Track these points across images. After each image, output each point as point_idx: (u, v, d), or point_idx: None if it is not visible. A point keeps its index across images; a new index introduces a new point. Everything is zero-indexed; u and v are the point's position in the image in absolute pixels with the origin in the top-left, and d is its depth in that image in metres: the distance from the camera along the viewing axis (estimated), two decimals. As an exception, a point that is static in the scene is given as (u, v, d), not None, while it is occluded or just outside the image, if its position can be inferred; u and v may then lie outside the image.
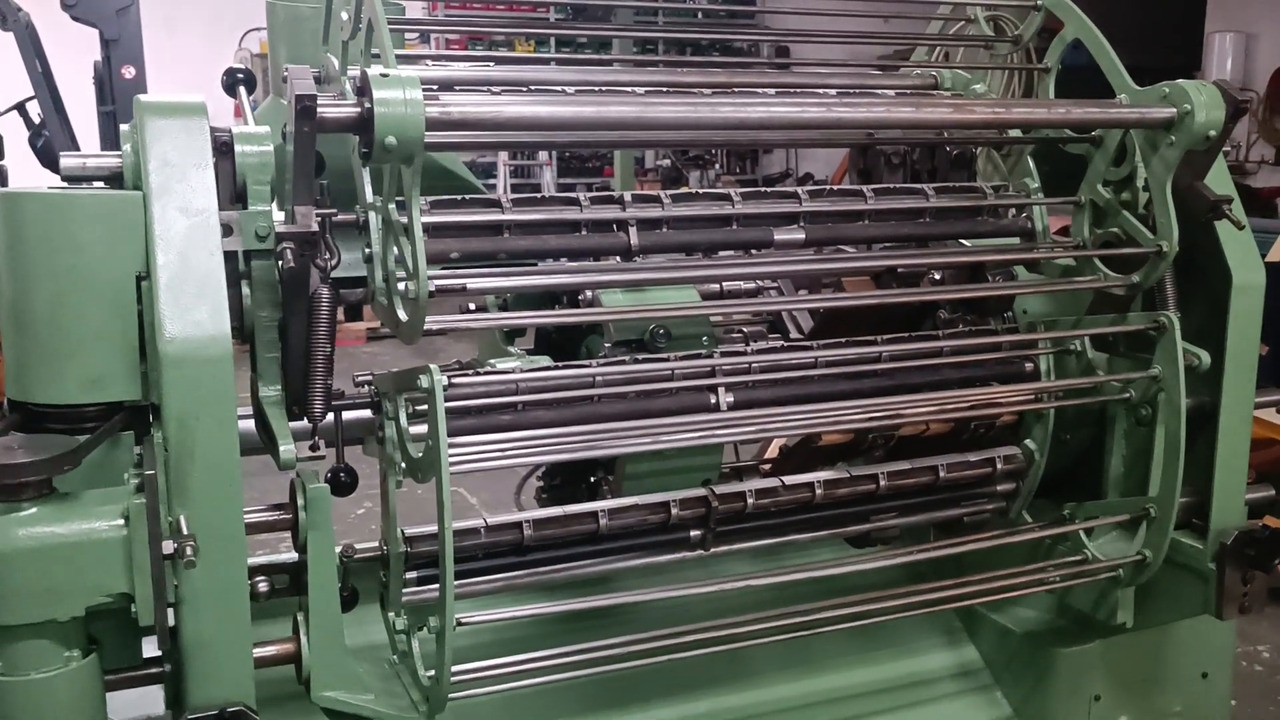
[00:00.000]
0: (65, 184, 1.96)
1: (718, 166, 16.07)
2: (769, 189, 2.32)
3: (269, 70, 2.75)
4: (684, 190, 2.29)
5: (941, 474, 2.42)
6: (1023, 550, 2.53)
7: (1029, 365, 2.46)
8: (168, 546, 1.61)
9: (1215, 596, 2.39)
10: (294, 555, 2.04)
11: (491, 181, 15.21)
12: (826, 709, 2.64)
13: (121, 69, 10.23)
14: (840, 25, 2.73)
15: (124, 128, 1.92)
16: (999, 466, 2.47)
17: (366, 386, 2.16)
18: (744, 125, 1.92)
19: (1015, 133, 2.47)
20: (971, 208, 2.42)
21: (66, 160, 1.93)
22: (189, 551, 1.60)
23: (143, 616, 1.65)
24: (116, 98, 10.26)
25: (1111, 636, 2.60)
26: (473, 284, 1.90)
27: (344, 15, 2.04)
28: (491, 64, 2.33)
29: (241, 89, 2.34)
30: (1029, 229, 2.49)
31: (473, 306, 2.40)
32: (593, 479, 2.41)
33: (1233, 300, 2.34)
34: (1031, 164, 2.51)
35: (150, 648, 1.88)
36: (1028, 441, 2.49)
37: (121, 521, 1.65)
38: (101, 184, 1.93)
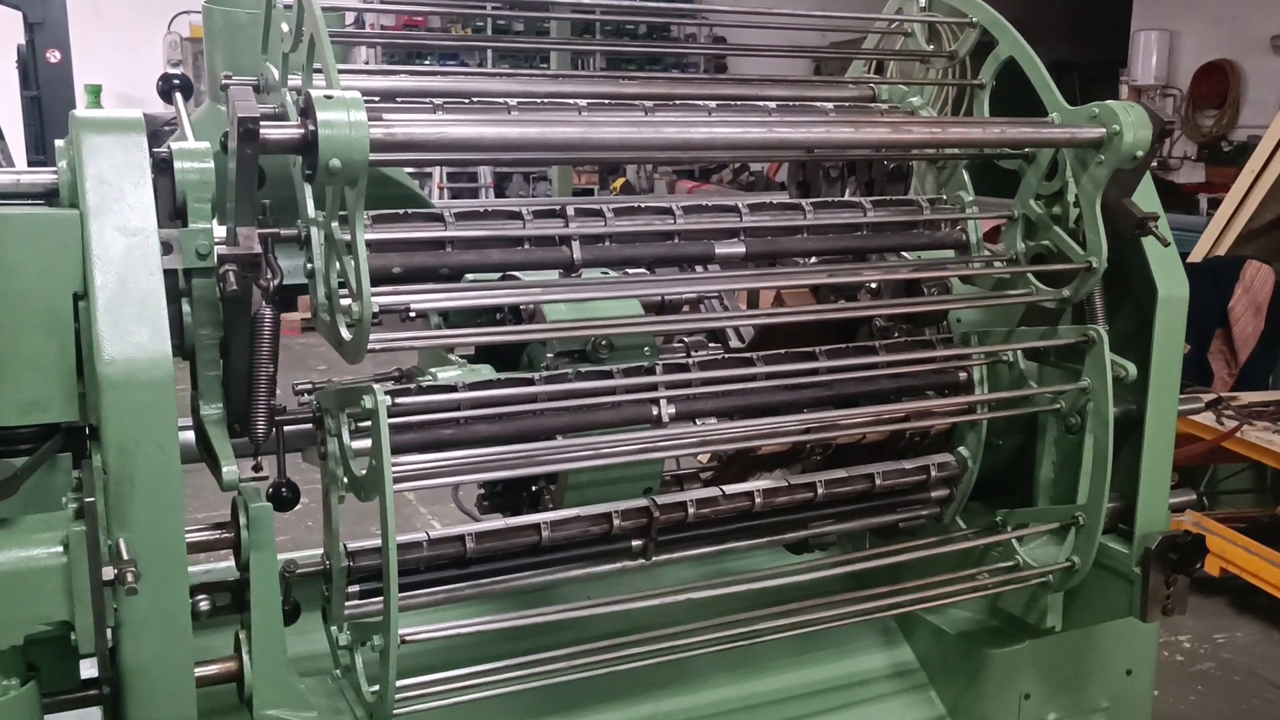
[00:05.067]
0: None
1: (655, 156, 16.07)
2: (709, 203, 2.34)
3: (205, 62, 2.71)
4: (626, 202, 2.30)
5: (877, 481, 2.47)
6: (956, 555, 2.59)
7: (963, 375, 2.51)
8: (108, 573, 1.59)
9: (1140, 599, 2.46)
10: (233, 564, 2.02)
11: (428, 171, 15.10)
12: (767, 710, 2.68)
13: (46, 53, 10.03)
14: (779, 39, 2.76)
15: (59, 143, 1.89)
16: (933, 473, 2.53)
17: (306, 395, 2.15)
18: (687, 146, 1.94)
19: (951, 149, 2.51)
20: (908, 222, 2.46)
21: (-1, 177, 1.90)
22: (130, 578, 1.59)
23: (83, 645, 1.63)
24: (41, 82, 10.06)
25: (1041, 637, 2.67)
26: (416, 304, 1.89)
27: (284, 27, 2.02)
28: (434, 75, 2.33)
29: (178, 96, 2.31)
30: (963, 241, 2.54)
31: (413, 315, 2.39)
32: (534, 487, 2.42)
33: (1158, 313, 2.40)
34: (966, 177, 2.56)
35: (89, 668, 1.86)
36: (961, 449, 2.55)
37: (60, 549, 1.63)
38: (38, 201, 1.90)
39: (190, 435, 1.99)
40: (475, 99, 2.26)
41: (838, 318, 2.49)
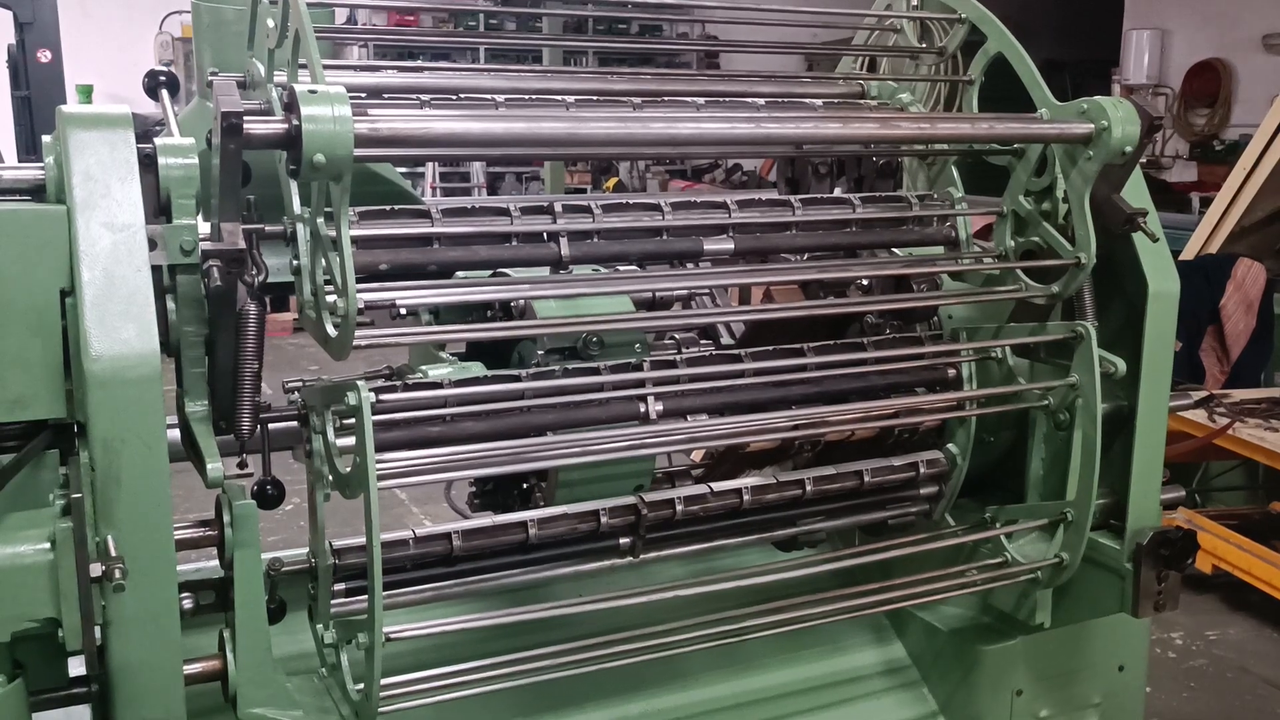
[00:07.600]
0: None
1: (648, 155, 16.05)
2: (699, 199, 2.33)
3: (194, 60, 2.70)
4: (615, 199, 2.30)
5: (866, 478, 2.47)
6: (946, 551, 2.59)
7: (952, 372, 2.51)
8: (95, 570, 1.59)
9: (1132, 595, 2.46)
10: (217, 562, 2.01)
11: (420, 170, 15.08)
12: (758, 708, 2.67)
13: (37, 53, 10.00)
14: (768, 35, 2.75)
15: (46, 139, 1.88)
16: (922, 470, 2.52)
17: (296, 394, 2.14)
18: (674, 142, 1.93)
19: (940, 144, 2.51)
20: (897, 218, 2.46)
21: (-14, 173, 1.88)
22: (117, 574, 1.58)
23: (70, 642, 1.63)
24: (32, 82, 10.03)
25: (1033, 633, 2.67)
26: (403, 300, 1.89)
27: (270, 23, 2.01)
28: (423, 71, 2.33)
29: (164, 93, 2.30)
30: (953, 237, 2.54)
31: (404, 312, 2.39)
32: (525, 485, 2.41)
33: (1149, 309, 2.40)
34: (956, 174, 2.56)
35: (77, 665, 1.85)
36: (950, 445, 2.54)
37: (47, 546, 1.62)
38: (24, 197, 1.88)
39: (176, 433, 1.98)
40: (463, 95, 2.26)
41: (828, 314, 2.49)
